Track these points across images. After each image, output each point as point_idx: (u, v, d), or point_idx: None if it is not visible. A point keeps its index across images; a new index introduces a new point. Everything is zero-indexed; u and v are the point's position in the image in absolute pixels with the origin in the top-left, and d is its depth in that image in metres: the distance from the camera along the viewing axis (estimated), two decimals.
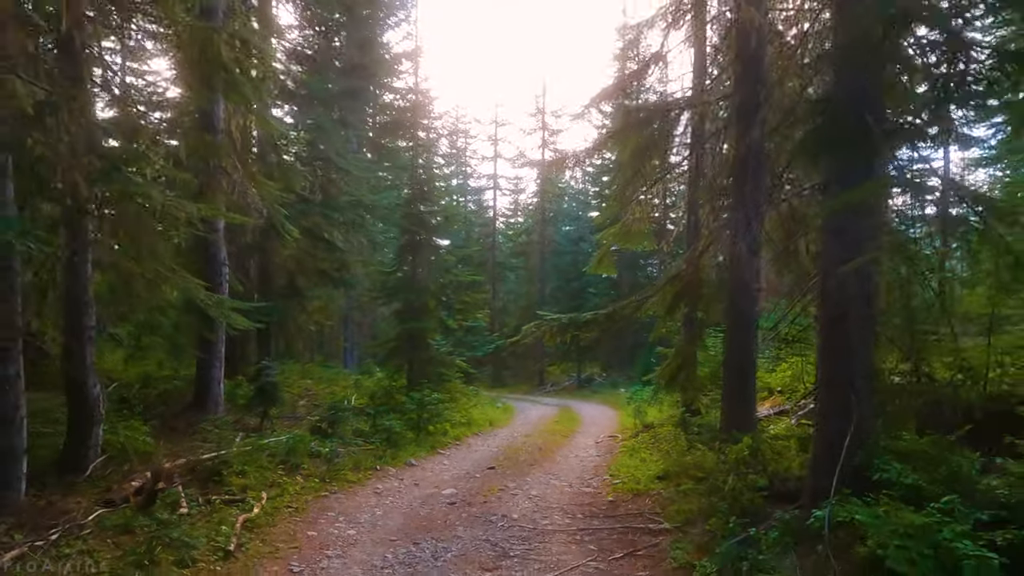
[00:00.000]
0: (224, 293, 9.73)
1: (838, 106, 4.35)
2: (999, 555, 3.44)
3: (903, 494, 4.10)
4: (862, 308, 4.73)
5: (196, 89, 7.82)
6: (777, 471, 5.82)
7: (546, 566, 5.13)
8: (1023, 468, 3.95)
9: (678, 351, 8.98)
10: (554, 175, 28.71)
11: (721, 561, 4.63)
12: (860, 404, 4.69)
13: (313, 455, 8.45)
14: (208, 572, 4.74)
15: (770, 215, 7.15)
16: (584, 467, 9.64)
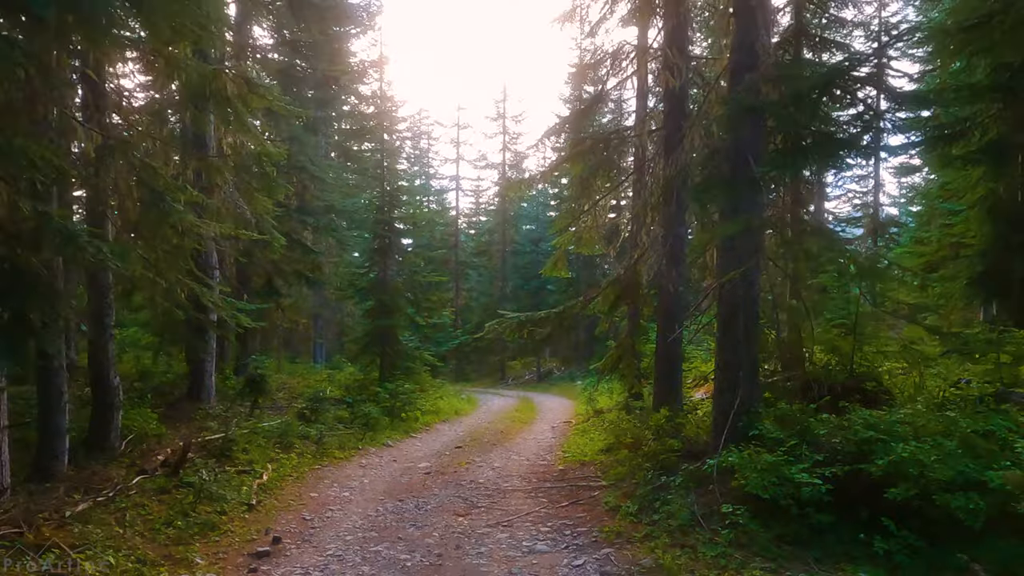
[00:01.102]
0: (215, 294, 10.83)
1: (725, 157, 5.77)
2: (825, 483, 4.90)
3: (769, 445, 5.55)
4: (748, 308, 6.19)
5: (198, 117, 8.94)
6: (689, 436, 7.28)
7: (506, 512, 6.49)
8: (844, 422, 5.43)
9: (619, 344, 10.44)
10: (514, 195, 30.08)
11: (640, 502, 6.07)
12: (745, 382, 6.16)
13: (302, 437, 9.66)
14: (239, 519, 5.98)
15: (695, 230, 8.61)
16: (540, 446, 11.02)
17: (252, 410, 10.96)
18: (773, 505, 5.10)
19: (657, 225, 8.59)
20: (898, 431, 5.10)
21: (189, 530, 5.45)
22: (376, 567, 4.93)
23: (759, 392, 6.46)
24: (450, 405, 16.16)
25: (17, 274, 4.24)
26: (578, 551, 5.27)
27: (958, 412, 5.42)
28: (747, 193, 5.59)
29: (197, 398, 11.21)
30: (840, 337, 7.43)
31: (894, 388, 7.02)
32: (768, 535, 5.03)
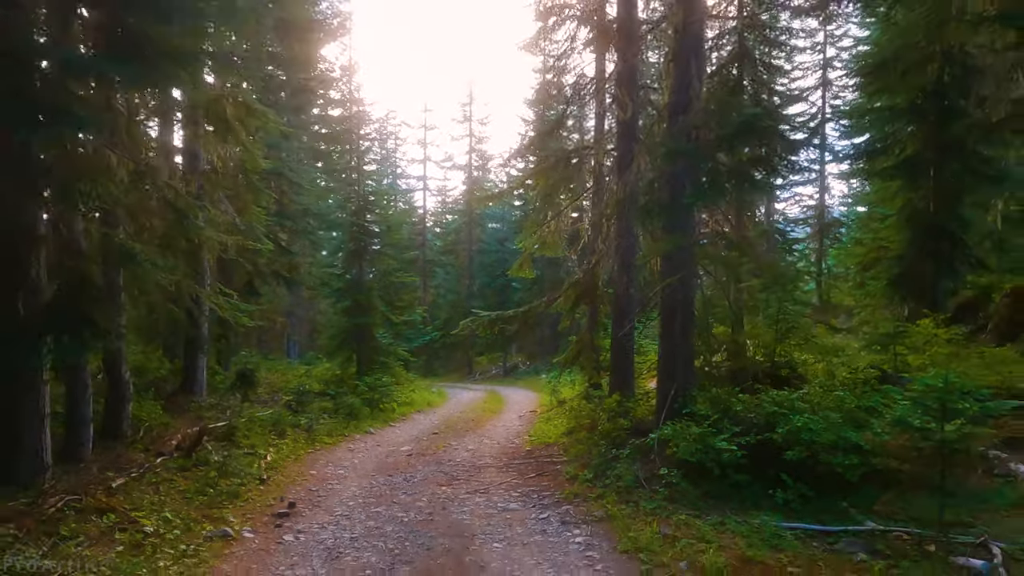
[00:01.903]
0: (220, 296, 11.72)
1: (664, 184, 6.99)
2: (740, 449, 6.14)
3: (699, 420, 6.78)
4: (684, 309, 7.43)
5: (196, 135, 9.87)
6: (637, 417, 8.51)
7: (482, 483, 7.63)
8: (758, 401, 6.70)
9: (579, 339, 11.66)
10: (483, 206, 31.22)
11: (594, 471, 7.28)
12: (682, 370, 7.40)
13: (294, 426, 10.65)
14: (255, 490, 7.00)
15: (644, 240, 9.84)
16: (509, 432, 12.18)
17: (243, 402, 11.88)
18: (700, 468, 6.34)
19: (612, 235, 9.80)
20: (798, 407, 6.38)
21: (218, 498, 6.47)
22: (379, 522, 6.03)
23: (694, 378, 7.71)
24: (423, 398, 17.23)
25: (85, 285, 5.19)
26: (543, 508, 6.44)
27: (848, 392, 6.73)
28: (681, 216, 6.80)
29: (190, 391, 12.05)
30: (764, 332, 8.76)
31: (807, 374, 8.34)
32: (696, 492, 6.27)
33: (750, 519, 5.59)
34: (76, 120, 4.55)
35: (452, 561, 5.03)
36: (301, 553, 5.17)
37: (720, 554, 4.78)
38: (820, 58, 29.03)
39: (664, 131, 8.23)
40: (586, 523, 5.92)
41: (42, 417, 6.78)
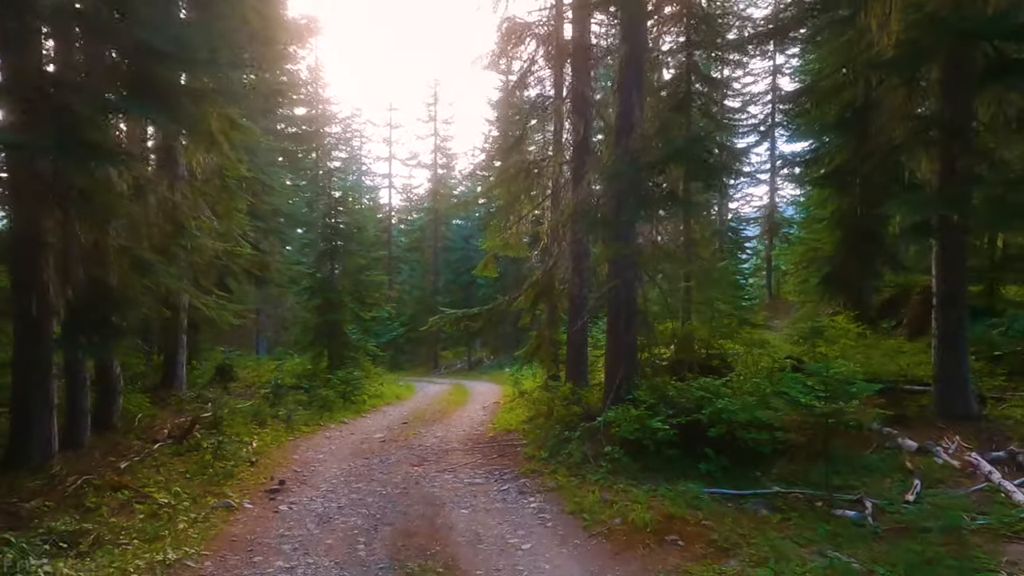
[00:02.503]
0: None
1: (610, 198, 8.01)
2: (672, 428, 7.19)
3: (639, 405, 7.82)
4: (628, 308, 8.46)
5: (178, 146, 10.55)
6: (588, 403, 9.54)
7: (450, 463, 8.57)
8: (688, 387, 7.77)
9: (539, 334, 12.66)
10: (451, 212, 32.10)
11: (549, 450, 8.28)
12: (626, 362, 8.44)
13: (273, 416, 11.43)
14: (247, 471, 7.83)
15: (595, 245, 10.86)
16: (473, 421, 13.11)
17: (223, 395, 12.60)
18: (639, 445, 7.38)
19: (567, 240, 10.80)
20: (721, 392, 7.46)
21: (215, 477, 7.30)
22: (360, 495, 6.93)
23: (637, 368, 8.77)
24: (391, 391, 18.07)
25: (106, 290, 5.95)
26: (503, 482, 7.42)
27: (763, 379, 7.84)
28: (624, 228, 7.82)
29: (170, 386, 12.72)
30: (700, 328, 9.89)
31: (735, 364, 9.48)
32: (635, 465, 7.29)
33: (678, 486, 6.61)
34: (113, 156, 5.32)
35: (426, 523, 5.97)
36: (296, 519, 6.05)
37: (648, 512, 5.80)
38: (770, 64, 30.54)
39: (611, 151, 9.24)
40: (540, 492, 6.92)
41: (51, 408, 7.51)
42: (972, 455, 7.12)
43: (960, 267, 8.05)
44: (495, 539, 5.51)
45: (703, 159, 7.49)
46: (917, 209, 7.96)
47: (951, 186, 7.53)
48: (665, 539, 5.26)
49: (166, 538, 5.21)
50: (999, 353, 10.68)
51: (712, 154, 8.01)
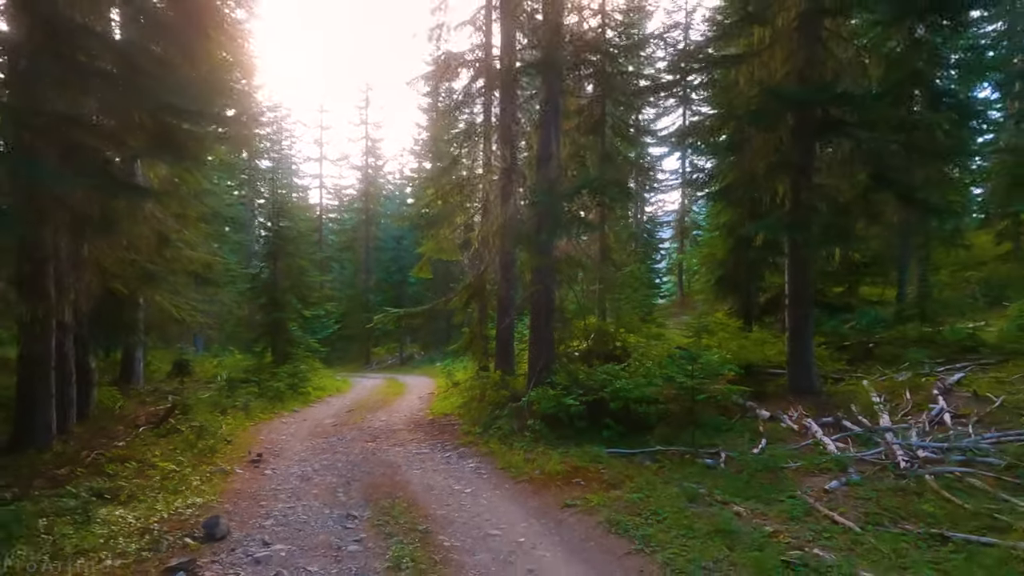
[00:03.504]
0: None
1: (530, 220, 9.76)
2: (582, 405, 9.02)
3: (556, 387, 9.62)
4: (547, 308, 10.26)
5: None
6: (514, 387, 11.30)
7: (398, 440, 10.16)
8: (594, 371, 9.63)
9: (471, 330, 14.34)
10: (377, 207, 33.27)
11: (482, 426, 10.00)
12: (545, 352, 10.24)
13: (232, 406, 12.66)
14: (226, 448, 9.19)
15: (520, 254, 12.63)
16: (412, 408, 14.68)
17: (181, 387, 13.71)
18: (555, 418, 9.18)
19: (496, 248, 12.53)
20: (620, 375, 9.36)
21: (201, 452, 8.65)
22: (329, 462, 8.46)
23: (555, 358, 10.59)
24: (332, 384, 19.34)
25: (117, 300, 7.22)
26: (446, 451, 9.09)
27: (654, 364, 9.80)
28: (543, 243, 9.61)
29: (128, 380, 13.72)
30: (607, 324, 11.82)
31: (635, 353, 11.44)
32: (553, 434, 9.08)
33: (585, 448, 8.43)
34: (142, 192, 6.63)
35: (387, 479, 7.57)
36: (282, 479, 7.54)
37: (560, 465, 7.60)
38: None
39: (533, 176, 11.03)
40: (476, 457, 8.63)
41: (50, 397, 8.68)
42: (808, 420, 9.26)
43: (804, 275, 10.24)
44: (443, 487, 7.18)
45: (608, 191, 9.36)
46: (770, 231, 10.10)
47: (796, 213, 9.68)
48: (572, 481, 7.06)
49: (185, 492, 6.63)
50: (847, 343, 13.14)
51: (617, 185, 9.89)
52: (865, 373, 11.42)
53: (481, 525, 5.77)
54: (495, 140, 12.95)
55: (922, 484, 6.39)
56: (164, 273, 8.41)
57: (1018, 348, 11.75)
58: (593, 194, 9.35)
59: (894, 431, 8.35)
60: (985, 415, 8.74)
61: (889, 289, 16.42)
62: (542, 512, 6.17)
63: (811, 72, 9.47)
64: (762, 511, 5.85)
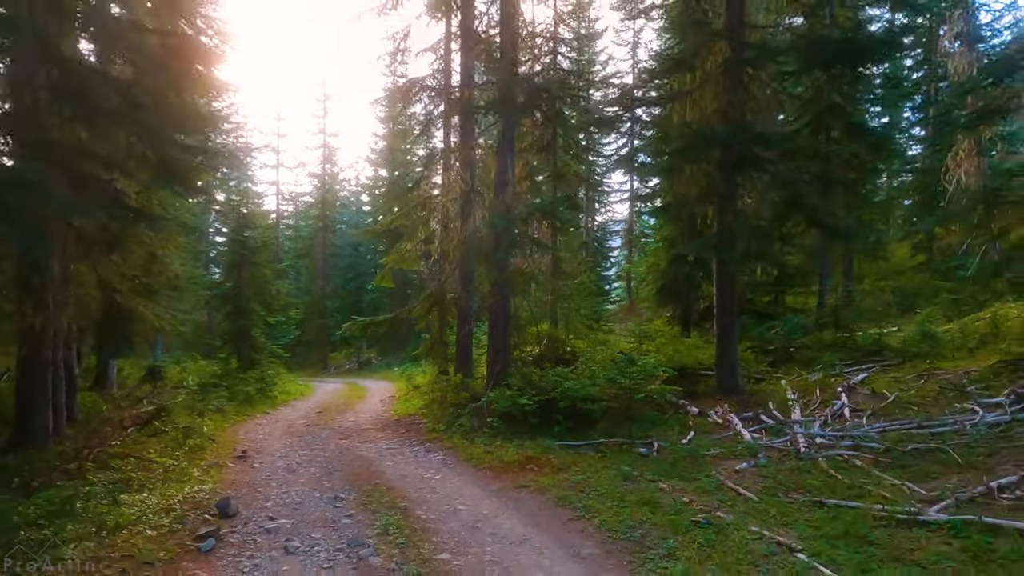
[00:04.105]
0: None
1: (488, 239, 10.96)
2: (535, 403, 10.20)
3: (512, 388, 10.77)
4: (504, 317, 11.42)
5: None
6: (474, 389, 12.42)
7: (368, 437, 11.17)
8: (546, 374, 10.82)
9: (432, 336, 15.41)
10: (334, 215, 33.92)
11: (446, 424, 11.09)
12: (502, 357, 11.40)
13: (206, 409, 13.45)
14: (212, 446, 10.06)
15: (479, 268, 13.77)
16: (377, 410, 15.65)
17: (153, 392, 14.40)
18: (511, 416, 10.34)
19: (457, 262, 13.65)
20: (569, 376, 10.57)
21: (192, 450, 9.52)
22: (309, 456, 9.44)
23: (511, 362, 11.76)
24: (296, 388, 20.14)
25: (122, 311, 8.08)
26: (413, 445, 10.16)
27: (599, 367, 11.05)
28: (500, 260, 10.78)
29: (103, 386, 14.35)
30: (559, 331, 13.05)
31: (582, 357, 12.71)
32: (509, 430, 10.23)
33: (537, 441, 9.61)
34: (153, 219, 7.52)
35: (365, 470, 8.61)
36: (270, 471, 8.51)
37: (516, 455, 8.76)
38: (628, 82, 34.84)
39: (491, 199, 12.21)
40: (441, 450, 9.73)
41: (47, 400, 9.43)
42: (731, 415, 10.63)
43: (730, 288, 11.65)
44: (415, 475, 8.27)
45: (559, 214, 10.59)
46: (700, 251, 11.50)
47: (722, 235, 11.09)
48: (526, 468, 8.23)
49: (189, 481, 7.56)
50: (771, 347, 14.67)
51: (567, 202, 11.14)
52: (784, 374, 12.93)
53: (450, 503, 6.88)
54: (454, 162, 14.08)
55: (815, 465, 7.74)
56: (159, 287, 9.24)
57: (917, 351, 13.44)
58: (545, 216, 10.58)
59: (801, 423, 9.76)
60: (879, 409, 10.24)
61: (812, 298, 18.09)
62: (501, 492, 7.32)
63: (734, 111, 10.88)
64: (682, 487, 7.11)
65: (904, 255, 24.77)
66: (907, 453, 7.95)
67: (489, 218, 10.95)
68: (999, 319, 13.97)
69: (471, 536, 5.80)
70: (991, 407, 9.43)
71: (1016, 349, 11.69)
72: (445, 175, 14.44)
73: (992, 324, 13.72)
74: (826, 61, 10.45)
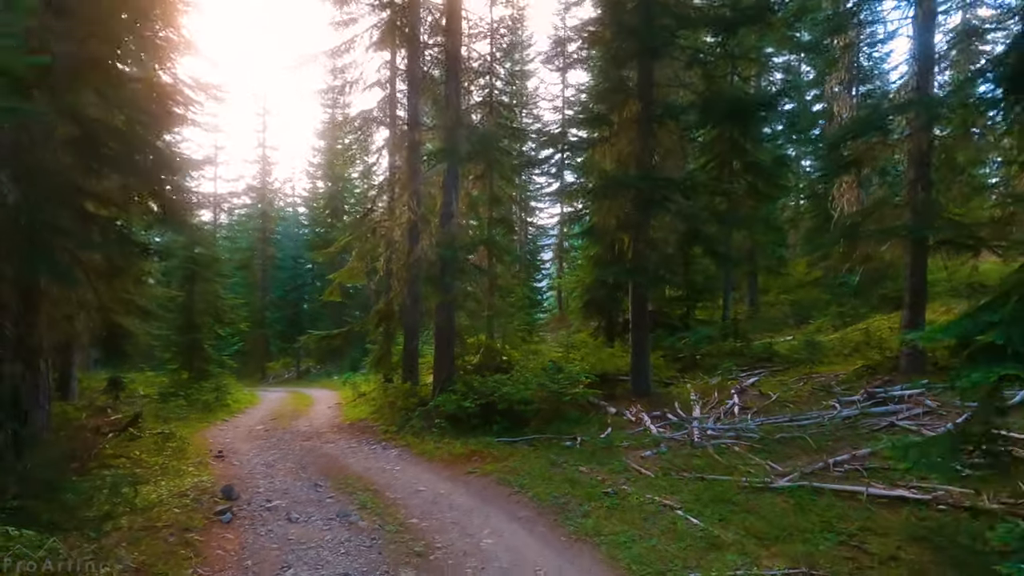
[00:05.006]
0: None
1: (434, 264, 12.57)
2: (476, 406, 11.88)
3: (456, 393, 12.40)
4: (448, 330, 13.06)
5: None
6: (421, 395, 13.98)
7: (328, 439, 12.57)
8: (486, 380, 12.51)
9: (380, 347, 16.89)
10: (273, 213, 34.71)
11: (398, 425, 12.64)
12: (446, 366, 13.04)
13: (170, 416, 14.51)
14: (191, 447, 11.28)
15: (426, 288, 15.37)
16: (327, 416, 16.96)
17: (115, 402, 15.32)
18: (457, 418, 11.97)
19: (405, 280, 15.20)
20: (505, 382, 12.29)
21: (174, 451, 10.74)
22: (281, 454, 10.82)
23: (455, 371, 13.39)
24: (245, 398, 21.12)
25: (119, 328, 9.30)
26: (371, 444, 11.67)
27: (531, 374, 12.82)
28: (447, 284, 12.42)
29: (65, 397, 15.17)
30: (495, 342, 14.78)
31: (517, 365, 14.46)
32: (455, 430, 11.85)
33: (480, 438, 11.27)
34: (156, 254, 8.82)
35: (333, 464, 10.07)
36: (250, 467, 9.87)
37: (462, 449, 10.40)
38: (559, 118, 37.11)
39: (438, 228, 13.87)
40: (397, 447, 11.29)
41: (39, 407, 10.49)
42: (642, 414, 12.58)
43: (643, 305, 13.64)
44: (377, 467, 9.81)
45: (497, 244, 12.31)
46: (616, 275, 13.46)
47: (635, 260, 13.07)
48: (471, 459, 9.90)
49: (186, 475, 8.89)
50: (681, 355, 16.82)
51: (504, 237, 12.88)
52: (690, 378, 15.04)
53: (412, 486, 8.49)
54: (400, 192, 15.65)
55: (704, 452, 9.69)
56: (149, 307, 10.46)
57: (800, 358, 15.83)
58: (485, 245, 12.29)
59: (698, 419, 11.79)
60: (762, 407, 12.39)
61: (719, 311, 20.44)
62: (452, 478, 8.97)
63: (645, 156, 12.91)
64: (597, 470, 8.93)
65: (802, 271, 27.67)
66: (776, 441, 10.01)
67: (436, 246, 12.59)
68: (871, 330, 16.53)
69: (432, 507, 7.44)
70: (848, 403, 11.72)
71: (874, 356, 14.16)
72: (394, 202, 15.99)
73: (865, 334, 16.24)
74: (718, 118, 12.60)
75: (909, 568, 5.16)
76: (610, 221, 14.06)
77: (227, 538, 6.27)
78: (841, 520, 6.49)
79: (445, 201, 12.90)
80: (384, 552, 5.91)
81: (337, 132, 32.22)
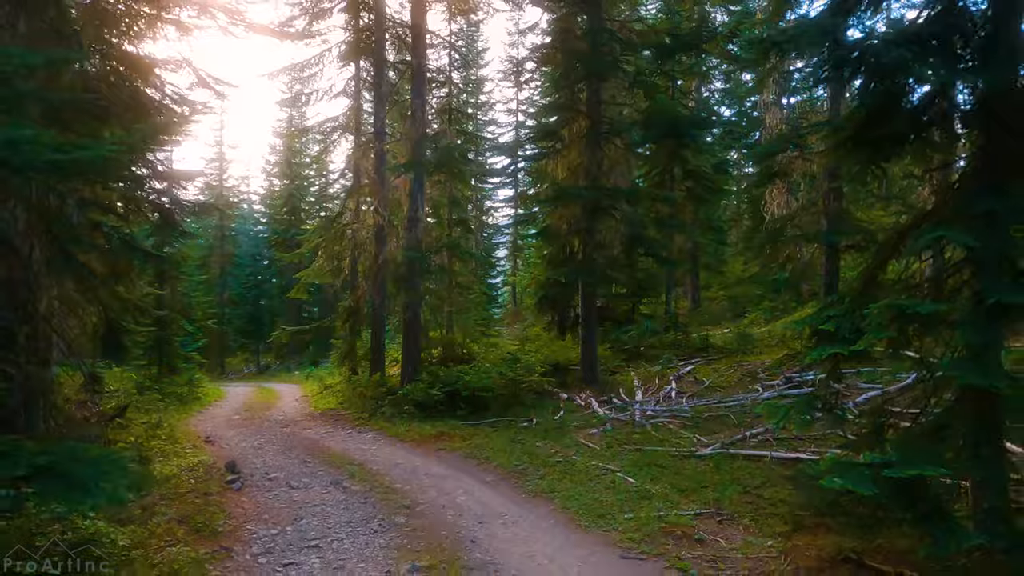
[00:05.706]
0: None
1: (403, 264, 13.82)
2: (443, 394, 13.17)
3: (423, 382, 13.65)
4: (414, 326, 14.30)
5: None
6: (390, 385, 15.17)
7: (304, 426, 13.68)
8: (451, 370, 13.79)
9: (346, 341, 18.00)
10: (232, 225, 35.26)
11: (369, 413, 13.84)
12: (413, 358, 14.28)
13: (149, 407, 15.35)
14: (180, 434, 12.26)
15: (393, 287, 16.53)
16: (297, 407, 17.97)
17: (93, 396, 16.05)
18: (424, 405, 13.24)
19: (372, 279, 16.34)
20: (468, 372, 13.61)
21: (167, 437, 11.71)
22: (265, 439, 11.91)
23: (420, 362, 14.64)
24: (213, 392, 21.90)
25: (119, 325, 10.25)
26: (346, 430, 12.86)
27: (491, 364, 14.16)
28: (414, 284, 13.65)
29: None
30: (458, 335, 16.08)
31: (478, 356, 15.78)
32: (423, 415, 13.11)
33: (446, 422, 12.55)
34: (160, 258, 9.81)
35: (315, 447, 11.23)
36: (241, 449, 10.96)
37: (431, 431, 11.69)
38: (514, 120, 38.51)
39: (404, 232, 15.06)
40: (371, 431, 12.50)
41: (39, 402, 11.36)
42: (591, 399, 14.06)
43: (591, 303, 15.12)
44: (356, 448, 11.02)
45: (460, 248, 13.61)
46: (567, 275, 14.90)
47: (584, 262, 14.53)
48: (440, 439, 11.20)
49: (188, 455, 9.94)
50: (626, 347, 18.39)
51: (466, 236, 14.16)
52: (634, 367, 16.62)
53: (391, 460, 9.76)
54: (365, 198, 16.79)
55: (644, 429, 11.21)
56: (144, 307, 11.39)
57: (733, 348, 17.58)
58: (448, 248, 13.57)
59: (640, 402, 13.32)
60: (696, 391, 14.02)
61: (662, 307, 22.15)
62: (425, 454, 10.27)
63: (593, 168, 14.36)
64: (552, 445, 10.33)
65: (740, 268, 29.71)
66: (705, 419, 11.60)
67: (404, 248, 13.80)
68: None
69: (411, 476, 8.73)
70: (769, 387, 13.41)
71: (795, 346, 15.95)
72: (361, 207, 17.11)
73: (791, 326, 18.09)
74: (658, 135, 14.14)
75: (789, 507, 6.71)
76: (562, 225, 15.50)
77: (242, 501, 7.44)
78: (748, 477, 8.05)
79: (412, 207, 14.11)
80: (377, 507, 7.19)
81: (299, 136, 32.87)
